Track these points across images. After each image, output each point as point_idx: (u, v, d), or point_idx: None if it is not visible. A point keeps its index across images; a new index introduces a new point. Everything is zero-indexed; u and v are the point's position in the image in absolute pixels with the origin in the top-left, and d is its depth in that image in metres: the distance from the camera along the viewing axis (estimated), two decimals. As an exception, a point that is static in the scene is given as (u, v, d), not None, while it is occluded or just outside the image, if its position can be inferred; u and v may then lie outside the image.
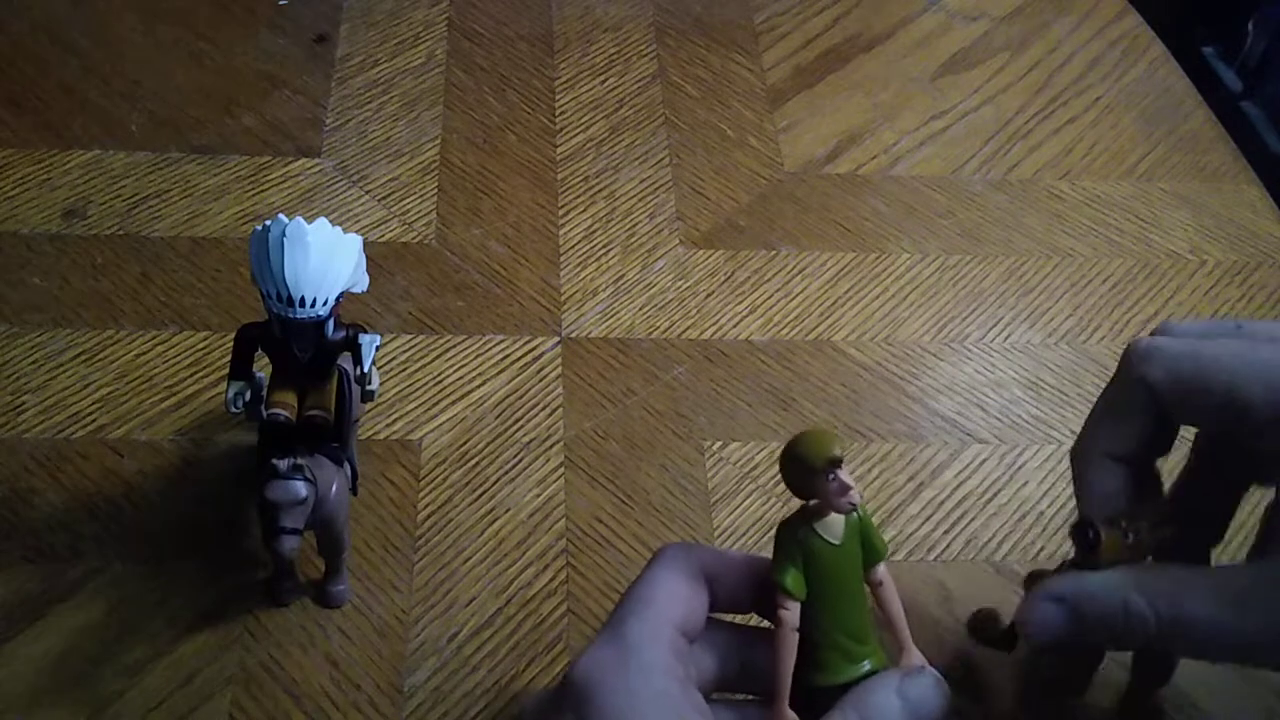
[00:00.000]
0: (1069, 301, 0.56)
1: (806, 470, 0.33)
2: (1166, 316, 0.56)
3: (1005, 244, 0.58)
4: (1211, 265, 0.58)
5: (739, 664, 0.35)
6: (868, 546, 0.34)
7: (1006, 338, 0.54)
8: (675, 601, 0.34)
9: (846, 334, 0.54)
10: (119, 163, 0.58)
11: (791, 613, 0.33)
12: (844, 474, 0.33)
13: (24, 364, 0.49)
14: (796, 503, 0.34)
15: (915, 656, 0.34)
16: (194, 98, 0.62)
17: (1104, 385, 0.38)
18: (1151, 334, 0.37)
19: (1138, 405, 0.36)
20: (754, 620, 0.37)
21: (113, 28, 0.65)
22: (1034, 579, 0.37)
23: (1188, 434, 0.38)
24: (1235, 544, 0.40)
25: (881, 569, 0.35)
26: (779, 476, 0.39)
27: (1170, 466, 0.38)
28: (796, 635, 0.33)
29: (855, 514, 0.34)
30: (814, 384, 0.52)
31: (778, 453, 0.48)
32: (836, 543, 0.33)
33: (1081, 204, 0.61)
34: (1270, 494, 0.35)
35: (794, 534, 0.34)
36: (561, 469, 0.48)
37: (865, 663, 0.34)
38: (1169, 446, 0.37)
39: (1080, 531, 0.35)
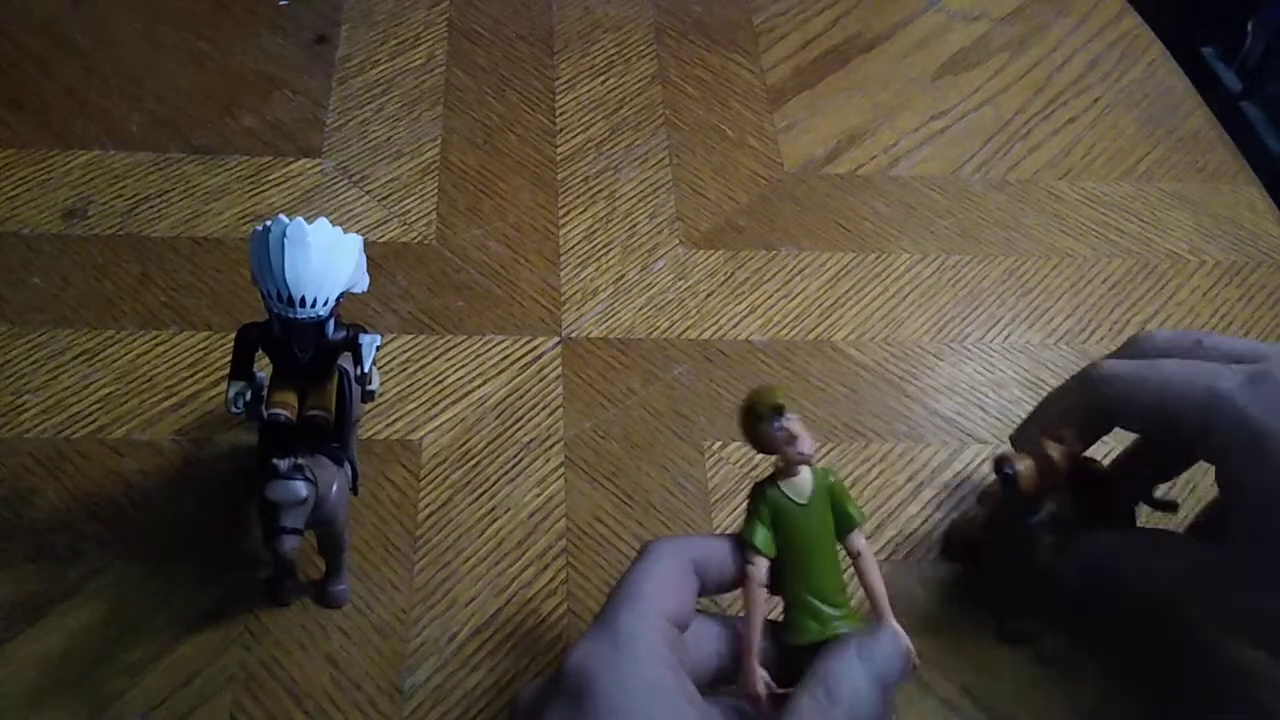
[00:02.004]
0: (1069, 301, 0.56)
1: (755, 419, 0.35)
2: (1166, 316, 0.56)
3: (1005, 244, 0.58)
4: (1211, 265, 0.58)
5: (732, 656, 0.36)
6: (840, 513, 0.36)
7: (1006, 338, 0.54)
8: (665, 592, 0.35)
9: (846, 334, 0.54)
10: (119, 163, 0.58)
11: (757, 568, 0.35)
12: (792, 423, 0.35)
13: (25, 364, 0.49)
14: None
15: (891, 626, 0.35)
16: (194, 98, 0.62)
17: None
18: (1121, 347, 0.42)
19: (1088, 421, 0.41)
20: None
21: (113, 28, 0.65)
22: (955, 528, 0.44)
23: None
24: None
25: (860, 539, 0.36)
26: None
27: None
28: (764, 591, 0.35)
29: (820, 474, 0.36)
30: (814, 384, 0.52)
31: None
32: (803, 502, 0.35)
33: (1081, 204, 0.61)
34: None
35: (762, 493, 0.36)
36: (561, 469, 0.48)
37: (837, 625, 0.35)
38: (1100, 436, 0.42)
39: (999, 468, 0.40)
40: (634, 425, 0.50)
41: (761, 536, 0.35)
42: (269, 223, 0.38)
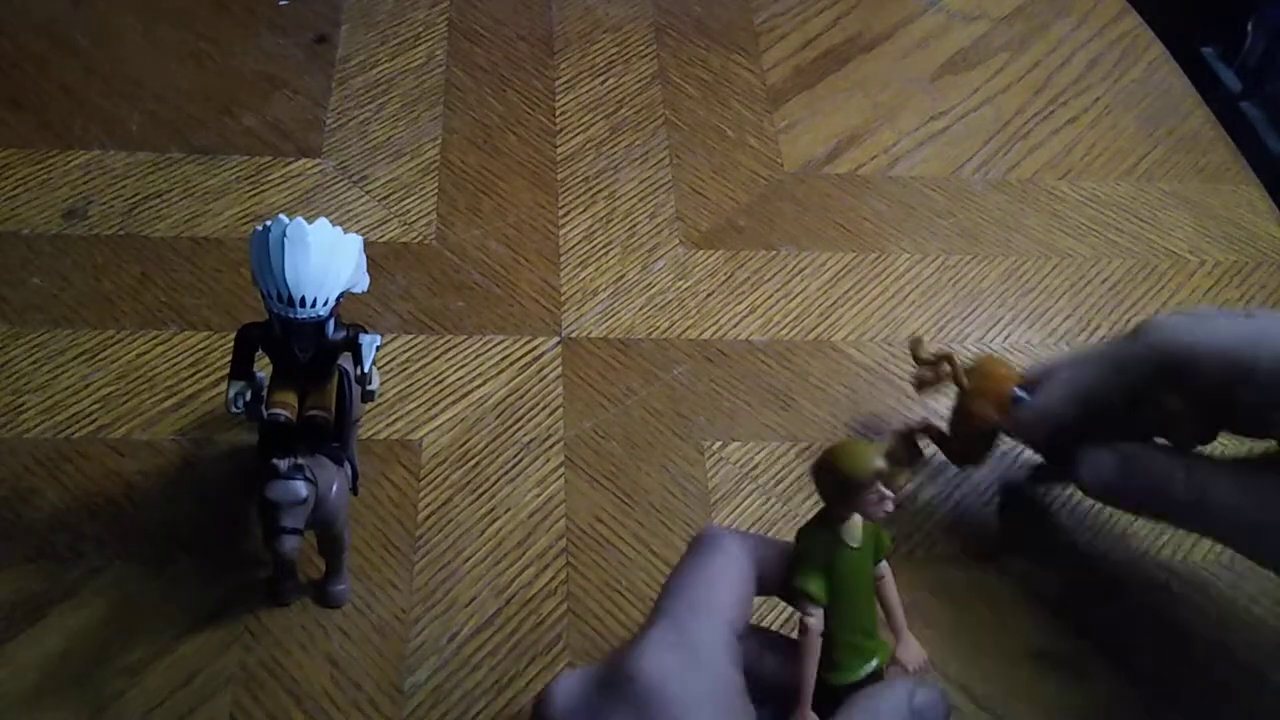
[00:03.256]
0: (1069, 301, 0.56)
1: (851, 485, 0.33)
2: (1166, 316, 0.56)
3: (1005, 244, 0.58)
4: (1211, 265, 0.58)
5: (757, 670, 0.35)
6: (878, 544, 0.35)
7: (1006, 338, 0.54)
8: (735, 599, 0.33)
9: (846, 334, 0.54)
10: (119, 163, 0.58)
11: (817, 619, 0.33)
12: (886, 485, 0.33)
13: (25, 364, 0.49)
14: (797, 503, 0.34)
15: (911, 646, 0.35)
16: (194, 98, 0.62)
17: None
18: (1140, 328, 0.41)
19: (1133, 368, 0.40)
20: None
21: (113, 28, 0.65)
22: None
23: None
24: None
25: (884, 565, 0.35)
26: (779, 476, 0.39)
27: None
28: (820, 640, 0.33)
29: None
30: (814, 384, 0.52)
31: (777, 452, 0.49)
32: (856, 545, 0.34)
33: (1081, 204, 0.61)
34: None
35: (818, 541, 0.34)
36: (561, 469, 0.48)
37: (874, 660, 0.34)
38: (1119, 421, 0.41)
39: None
40: (634, 425, 0.50)
41: (817, 585, 0.33)
42: (269, 223, 0.38)
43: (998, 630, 0.44)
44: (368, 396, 0.43)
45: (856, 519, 0.34)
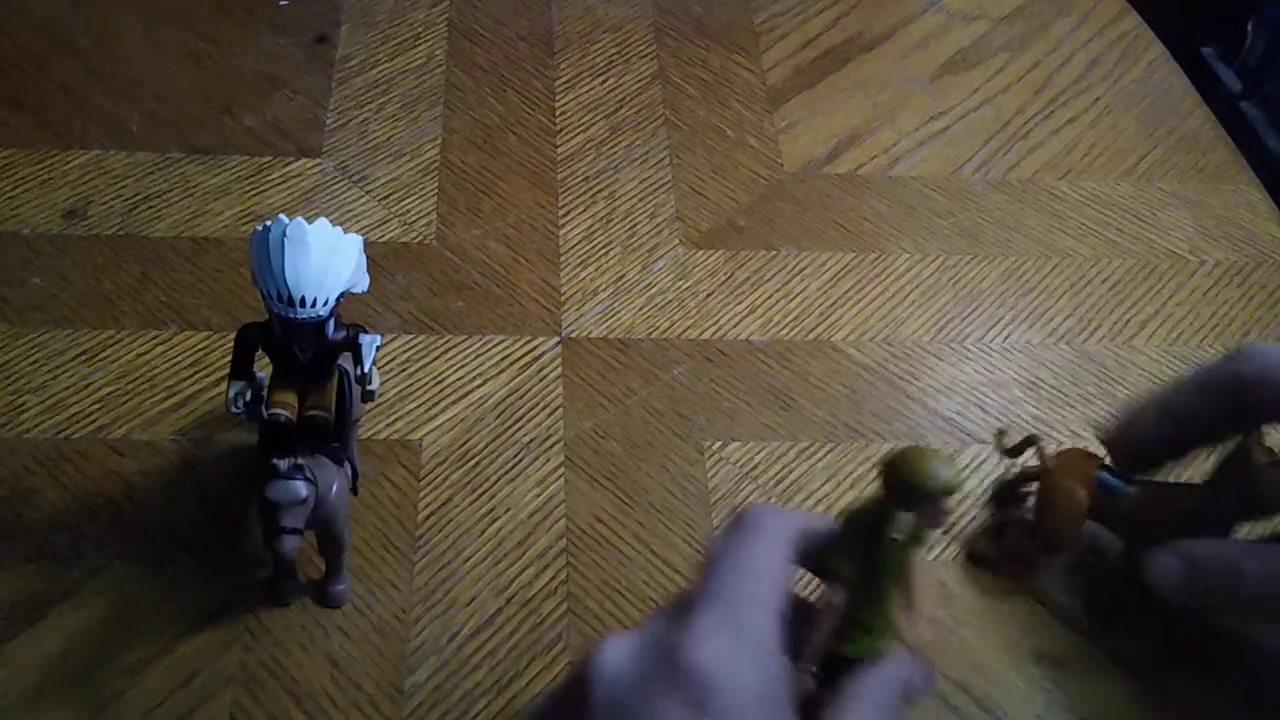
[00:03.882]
0: (1068, 302, 0.56)
1: (917, 493, 0.32)
2: (1166, 316, 0.56)
3: (1005, 244, 0.58)
4: (1211, 265, 0.58)
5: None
6: (919, 536, 0.34)
7: (1006, 338, 0.54)
8: (782, 586, 0.33)
9: (846, 334, 0.54)
10: (119, 163, 0.58)
11: (840, 597, 0.34)
12: (950, 499, 0.33)
13: (25, 364, 0.49)
14: (797, 503, 0.34)
15: (916, 624, 0.35)
16: (194, 98, 0.62)
17: (1103, 385, 0.43)
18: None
19: (1221, 393, 0.39)
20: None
21: (113, 28, 0.65)
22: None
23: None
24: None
25: (919, 551, 0.35)
26: (779, 476, 0.39)
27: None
28: (837, 614, 0.34)
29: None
30: (814, 384, 0.52)
31: (777, 452, 0.49)
32: (902, 538, 0.33)
33: (1081, 204, 0.61)
34: None
35: (865, 526, 0.34)
36: (561, 469, 0.48)
37: (886, 642, 0.34)
38: (1209, 442, 0.41)
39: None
40: (634, 425, 0.50)
41: (850, 569, 0.34)
42: (269, 223, 0.38)
43: (998, 631, 0.44)
44: (368, 396, 0.43)
45: (909, 515, 0.34)
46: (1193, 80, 0.69)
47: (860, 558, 0.34)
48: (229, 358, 0.41)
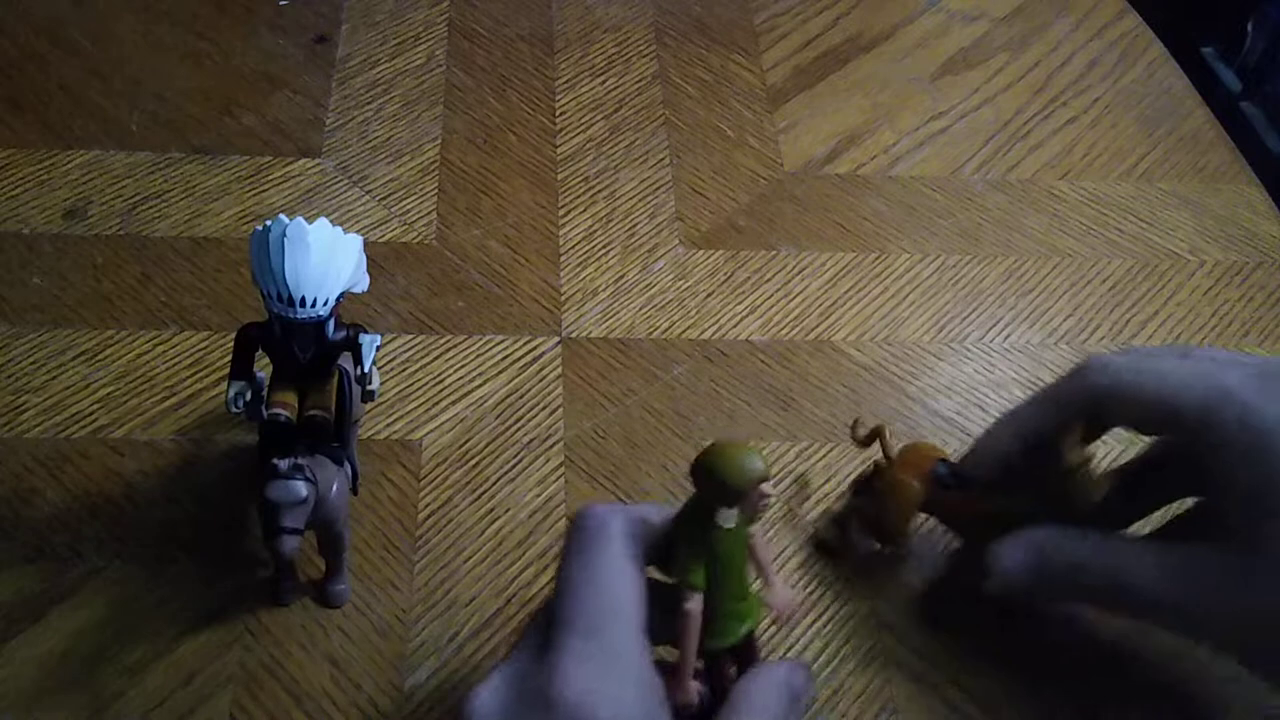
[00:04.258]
0: (1068, 302, 0.56)
1: (733, 491, 0.33)
2: (1166, 316, 0.56)
3: (1005, 244, 0.58)
4: (1211, 265, 0.58)
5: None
6: (751, 519, 0.35)
7: (1006, 338, 0.54)
8: (639, 594, 0.33)
9: (846, 334, 0.54)
10: (119, 163, 0.58)
11: (696, 603, 0.34)
12: (768, 485, 0.33)
13: (25, 364, 0.49)
14: (797, 503, 0.34)
15: (782, 593, 0.36)
16: (194, 98, 0.62)
17: None
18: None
19: (1070, 403, 0.39)
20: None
21: (113, 28, 0.65)
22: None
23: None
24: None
25: (754, 528, 0.35)
26: (779, 476, 0.39)
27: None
28: (700, 620, 0.34)
29: None
30: (814, 384, 0.52)
31: (778, 452, 0.49)
32: (732, 526, 0.34)
33: (1081, 204, 0.61)
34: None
35: (696, 529, 0.34)
36: (561, 469, 0.48)
37: (749, 620, 0.36)
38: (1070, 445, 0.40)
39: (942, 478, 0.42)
40: (634, 425, 0.50)
41: (697, 575, 0.34)
42: (269, 222, 0.38)
43: (997, 632, 0.44)
44: (368, 396, 0.43)
45: (732, 510, 0.34)
46: (1193, 80, 0.69)
47: (702, 557, 0.34)
48: (229, 358, 0.41)
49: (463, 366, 0.51)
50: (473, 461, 0.48)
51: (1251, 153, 0.65)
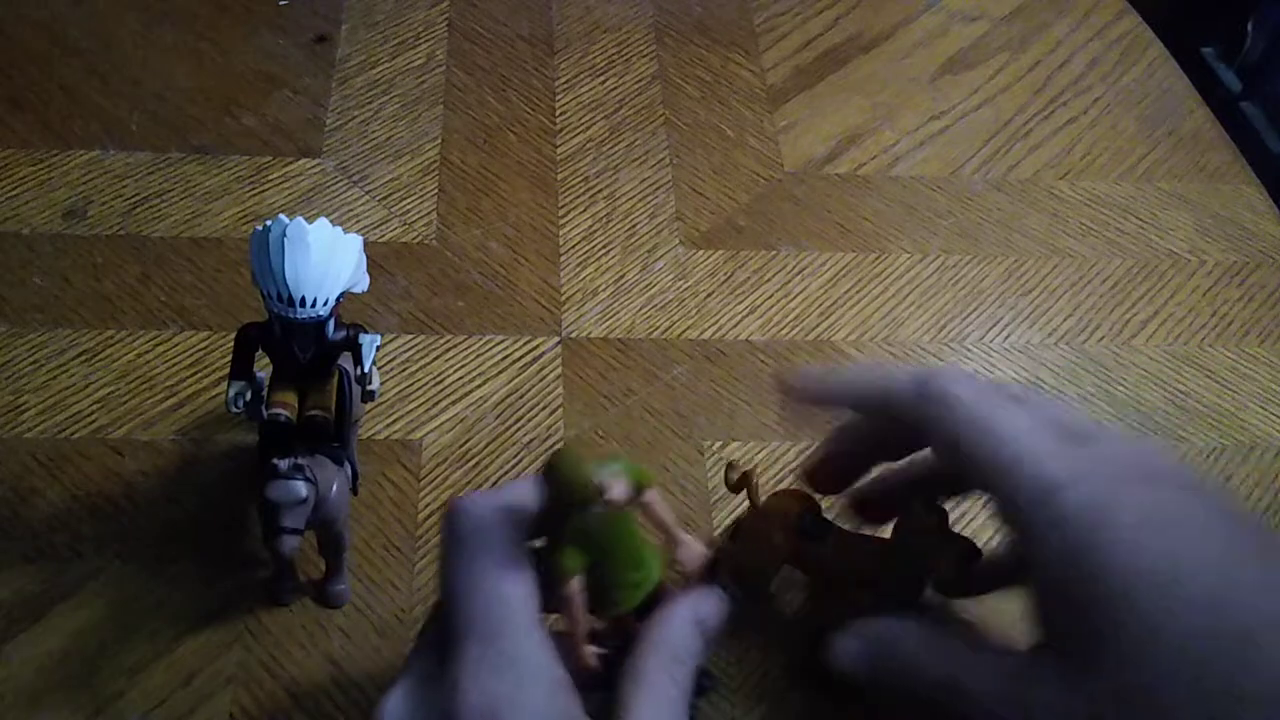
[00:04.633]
0: (1068, 301, 0.56)
1: (590, 501, 0.32)
2: (1166, 316, 0.56)
3: (1005, 244, 0.58)
4: (1211, 265, 0.58)
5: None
6: (638, 482, 0.34)
7: (1006, 338, 0.54)
8: (528, 586, 0.32)
9: (846, 334, 0.54)
10: (119, 163, 0.58)
11: (572, 586, 0.33)
12: (615, 489, 0.32)
13: (25, 364, 0.49)
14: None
15: (691, 548, 0.36)
16: (194, 98, 0.62)
17: (1103, 385, 0.40)
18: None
19: (901, 401, 0.37)
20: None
21: (113, 28, 0.65)
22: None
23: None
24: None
25: (650, 493, 0.35)
26: (779, 476, 0.39)
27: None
28: (580, 597, 0.33)
29: (607, 469, 0.33)
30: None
31: (777, 452, 0.49)
32: (602, 511, 0.33)
33: (1081, 204, 0.61)
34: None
35: (569, 523, 0.33)
36: (561, 469, 0.48)
37: (644, 586, 0.34)
38: (886, 459, 0.40)
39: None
40: (634, 425, 0.50)
41: (571, 558, 0.33)
42: (269, 223, 0.38)
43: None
44: (368, 396, 0.43)
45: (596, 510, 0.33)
46: (1193, 80, 0.69)
47: (576, 540, 0.33)
48: (229, 358, 0.41)
49: (463, 366, 0.51)
50: (473, 461, 0.48)
51: (1251, 153, 0.65)
